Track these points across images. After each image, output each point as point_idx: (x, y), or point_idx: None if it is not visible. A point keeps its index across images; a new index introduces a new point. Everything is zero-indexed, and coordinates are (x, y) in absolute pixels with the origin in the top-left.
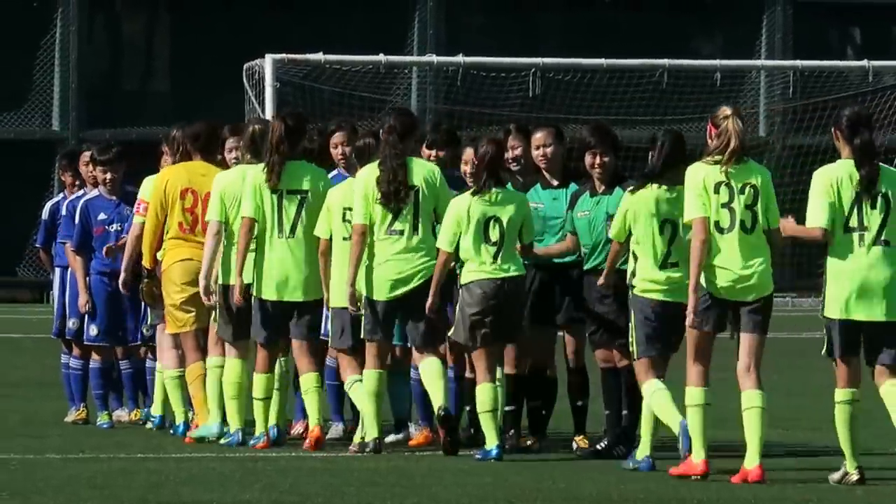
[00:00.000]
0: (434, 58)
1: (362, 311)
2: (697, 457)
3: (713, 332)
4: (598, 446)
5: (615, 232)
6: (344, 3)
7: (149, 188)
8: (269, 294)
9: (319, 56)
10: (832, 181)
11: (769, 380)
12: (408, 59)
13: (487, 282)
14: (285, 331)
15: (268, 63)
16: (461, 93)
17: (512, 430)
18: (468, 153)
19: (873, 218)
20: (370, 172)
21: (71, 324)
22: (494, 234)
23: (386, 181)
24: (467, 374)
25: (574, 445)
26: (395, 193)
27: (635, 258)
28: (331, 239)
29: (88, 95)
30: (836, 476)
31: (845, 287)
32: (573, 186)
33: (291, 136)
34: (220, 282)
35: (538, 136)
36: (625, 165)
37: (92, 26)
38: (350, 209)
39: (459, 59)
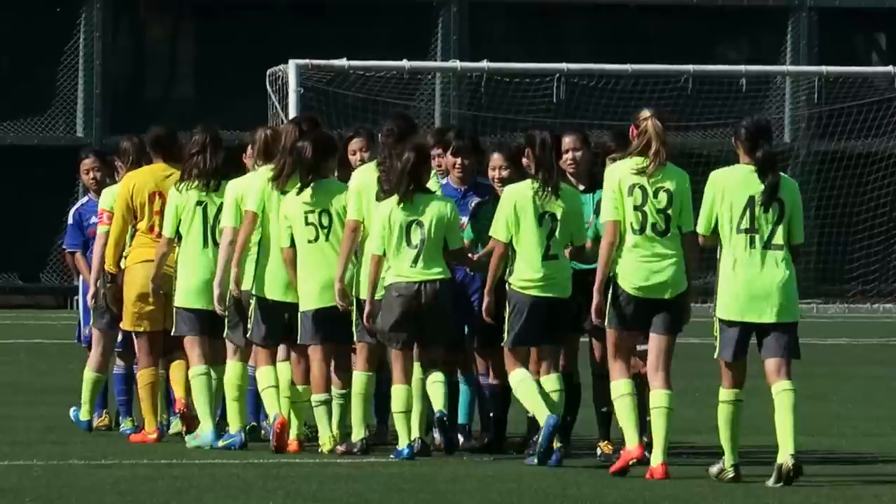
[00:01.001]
0: (458, 63)
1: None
2: (631, 444)
3: (635, 328)
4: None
5: (503, 231)
6: (368, 9)
7: (111, 196)
8: (275, 294)
9: (343, 62)
10: (723, 187)
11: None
12: (431, 64)
13: (406, 285)
14: (288, 331)
15: (291, 69)
16: (485, 98)
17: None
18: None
19: (764, 221)
20: (368, 172)
21: (87, 331)
22: (416, 238)
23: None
24: (491, 381)
25: (598, 451)
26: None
27: (514, 253)
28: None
29: (112, 101)
30: (714, 469)
31: (737, 289)
32: (600, 192)
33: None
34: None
35: (567, 141)
36: None
37: (116, 32)
38: (311, 212)
39: (483, 64)
